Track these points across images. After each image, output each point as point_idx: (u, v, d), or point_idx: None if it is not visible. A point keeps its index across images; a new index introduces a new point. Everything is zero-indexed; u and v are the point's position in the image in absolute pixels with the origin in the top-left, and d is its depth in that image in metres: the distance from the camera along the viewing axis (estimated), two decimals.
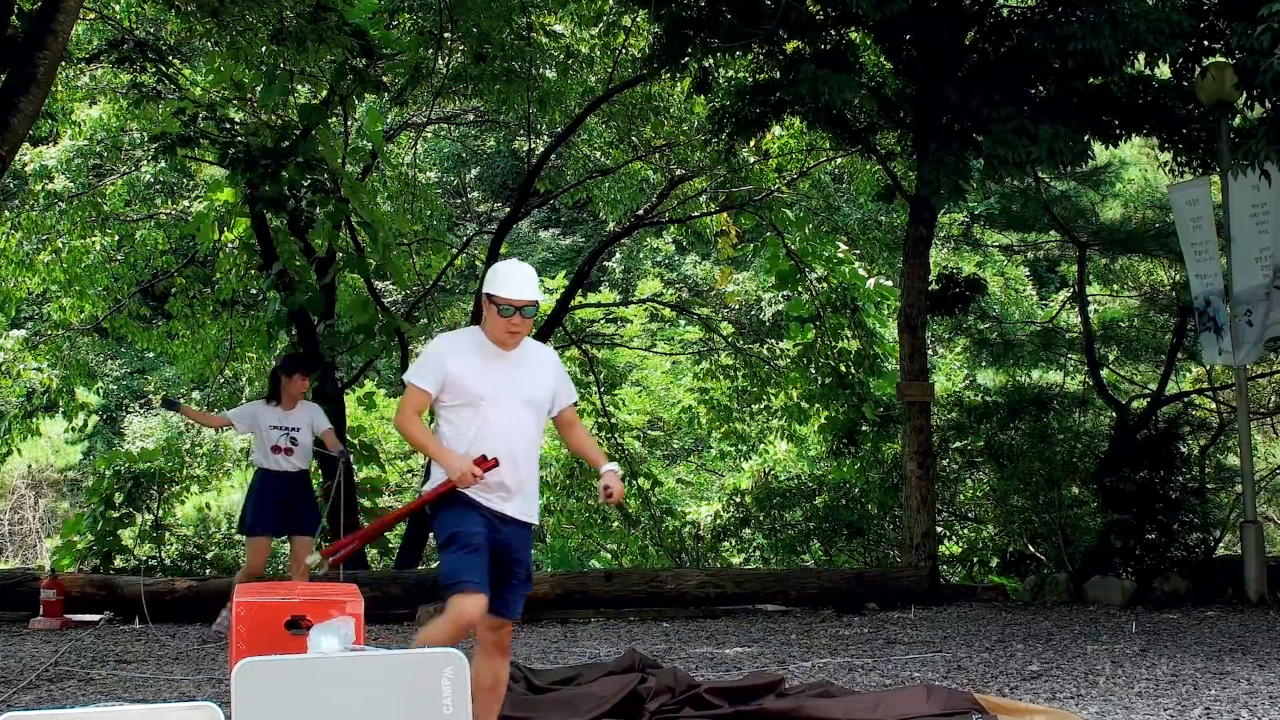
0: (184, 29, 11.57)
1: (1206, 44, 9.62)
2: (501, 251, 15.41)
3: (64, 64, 10.89)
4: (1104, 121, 9.82)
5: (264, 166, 10.36)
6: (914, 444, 10.72)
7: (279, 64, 11.14)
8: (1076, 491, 12.06)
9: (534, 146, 14.36)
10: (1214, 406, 13.13)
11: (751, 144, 12.75)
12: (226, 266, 13.41)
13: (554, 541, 15.47)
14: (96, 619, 9.17)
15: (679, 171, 14.57)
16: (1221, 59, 9.61)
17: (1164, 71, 10.10)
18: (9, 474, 19.72)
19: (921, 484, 10.65)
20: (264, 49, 10.93)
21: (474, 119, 16.56)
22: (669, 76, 11.50)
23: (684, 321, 17.89)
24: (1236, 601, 9.82)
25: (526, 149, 15.47)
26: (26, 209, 13.69)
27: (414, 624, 9.00)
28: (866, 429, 13.55)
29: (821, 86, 9.41)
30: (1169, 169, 10.80)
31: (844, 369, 13.88)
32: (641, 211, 14.89)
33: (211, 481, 14.16)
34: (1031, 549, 11.99)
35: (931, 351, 14.14)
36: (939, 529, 11.90)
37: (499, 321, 4.39)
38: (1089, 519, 11.61)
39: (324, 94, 11.91)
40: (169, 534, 13.31)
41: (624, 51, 13.09)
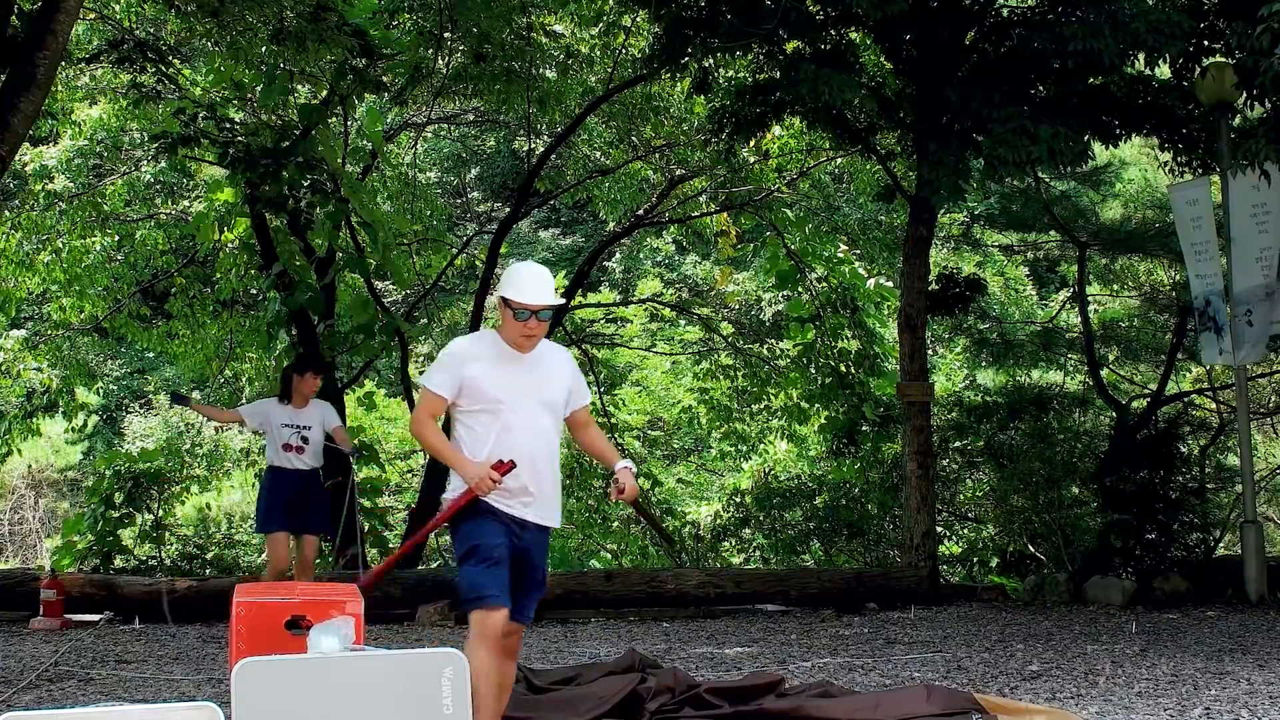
0: (184, 29, 11.57)
1: (1206, 44, 9.61)
2: (502, 251, 15.41)
3: (64, 64, 10.88)
4: (1104, 121, 9.82)
5: (264, 166, 10.36)
6: (914, 444, 10.72)
7: (279, 64, 11.14)
8: (1076, 491, 12.06)
9: (534, 146, 14.36)
10: (1214, 406, 13.13)
11: (751, 144, 12.75)
12: (226, 266, 13.40)
13: (554, 541, 15.44)
14: (96, 619, 9.17)
15: (679, 171, 14.56)
16: (1221, 59, 9.60)
17: (1164, 71, 10.10)
18: (9, 474, 19.72)
19: (921, 484, 10.65)
20: (264, 49, 10.93)
21: (474, 119, 16.55)
22: (669, 76, 11.50)
23: (684, 321, 17.89)
24: (1236, 601, 9.81)
25: (526, 149, 15.47)
26: (26, 209, 13.68)
27: (414, 624, 9.01)
28: (866, 429, 13.55)
29: (821, 86, 9.41)
30: (1169, 169, 10.80)
31: (844, 369, 13.88)
32: (641, 211, 14.89)
33: (211, 481, 14.15)
34: (1031, 549, 11.99)
35: (931, 351, 14.14)
36: (939, 529, 11.90)
37: (514, 325, 4.36)
38: (1089, 519, 11.61)
39: (324, 94, 11.90)
40: (169, 534, 13.30)
41: (624, 51, 13.09)
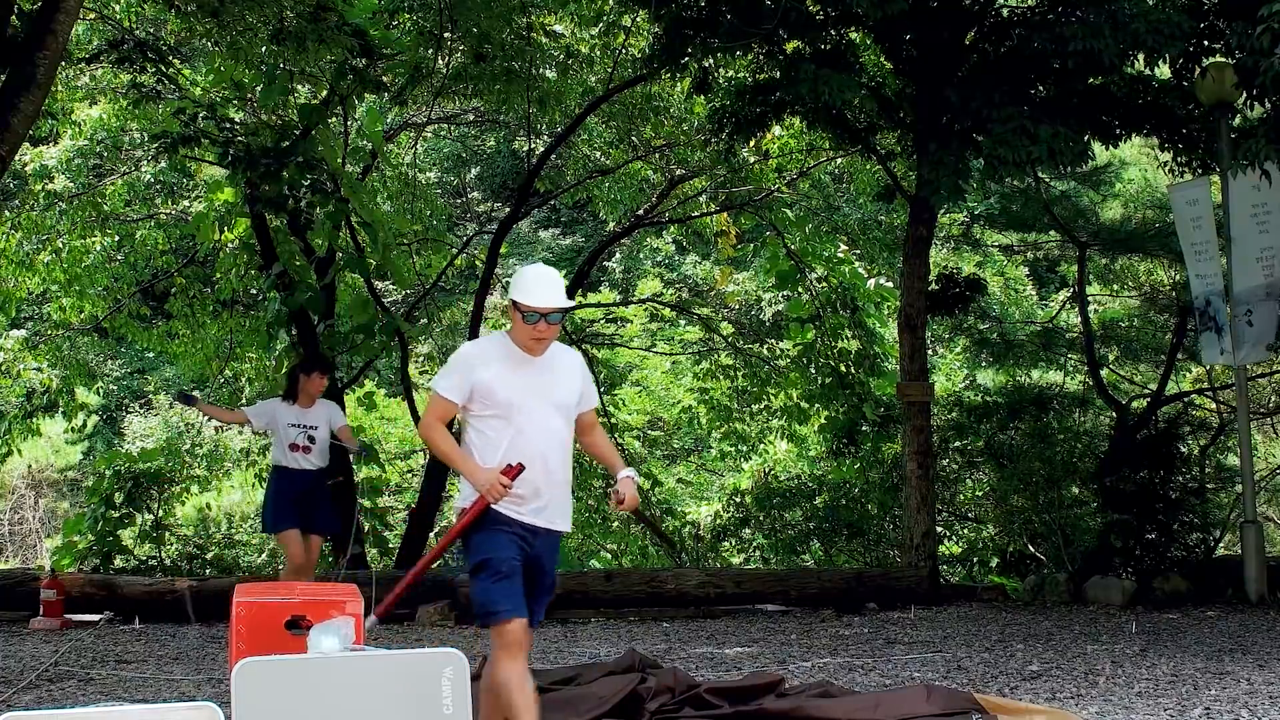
0: (184, 29, 11.57)
1: (1206, 44, 9.61)
2: (502, 251, 15.41)
3: (64, 64, 10.88)
4: (1104, 121, 9.82)
5: (264, 166, 10.36)
6: (914, 444, 10.72)
7: (279, 64, 11.13)
8: (1076, 491, 12.06)
9: (534, 146, 14.35)
10: (1214, 406, 13.13)
11: (751, 144, 12.75)
12: (226, 266, 13.40)
13: None
14: (96, 619, 9.17)
15: (679, 171, 14.56)
16: (1221, 59, 9.60)
17: (1164, 71, 10.10)
18: (9, 474, 19.71)
19: (921, 484, 10.65)
20: (264, 49, 10.93)
21: (474, 119, 16.54)
22: (669, 76, 11.50)
23: (684, 321, 17.89)
24: (1236, 601, 9.81)
25: (526, 149, 15.46)
26: (26, 209, 13.68)
27: (414, 624, 9.01)
28: (866, 429, 13.55)
29: (821, 86, 9.41)
30: (1169, 169, 10.80)
31: (844, 369, 13.88)
32: (641, 211, 14.89)
33: (211, 481, 14.15)
34: (1031, 549, 11.99)
35: (931, 351, 14.14)
36: (939, 529, 11.90)
37: (524, 328, 4.30)
38: (1089, 519, 11.61)
39: (324, 94, 11.90)
40: (169, 534, 13.31)
41: (624, 51, 13.09)
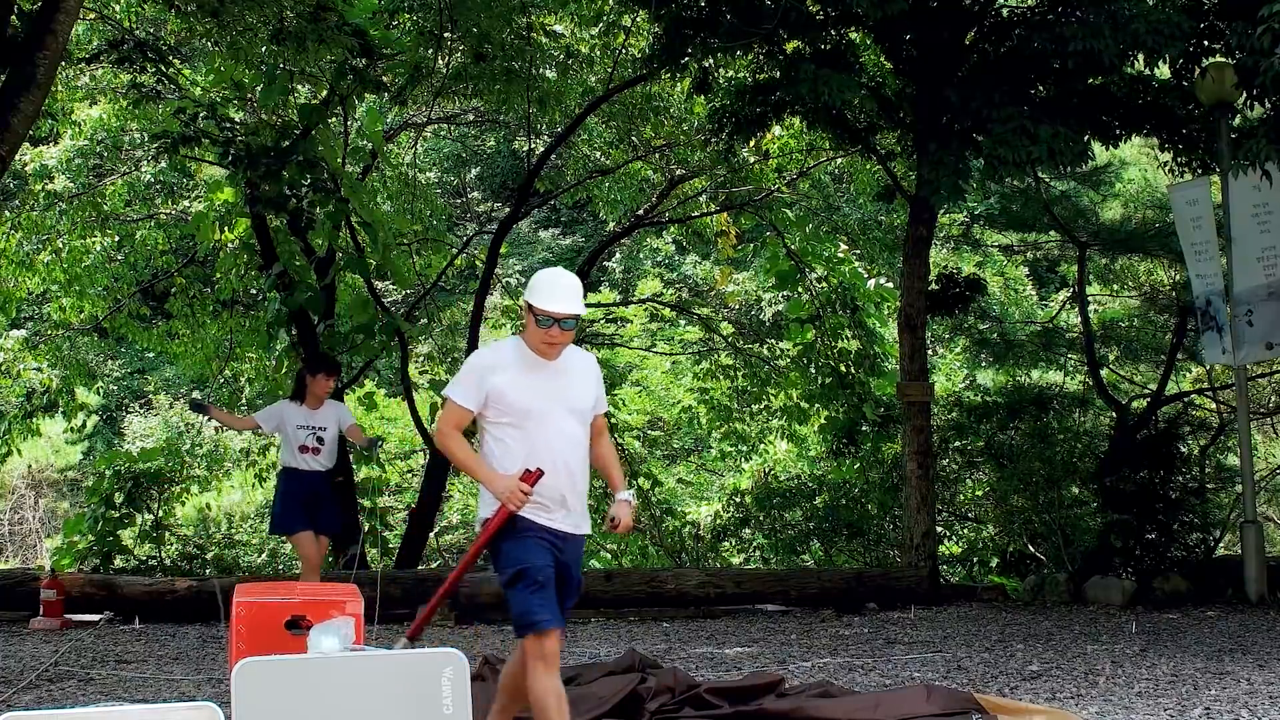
0: (184, 29, 11.57)
1: (1206, 44, 9.61)
2: (502, 251, 15.41)
3: (64, 64, 10.88)
4: (1104, 121, 9.83)
5: (265, 166, 10.35)
6: (914, 444, 10.72)
7: (279, 64, 11.13)
8: (1076, 491, 12.06)
9: (534, 146, 14.35)
10: (1214, 406, 13.13)
11: (751, 144, 12.75)
12: (226, 266, 13.39)
13: None
14: (96, 619, 9.17)
15: (679, 171, 14.56)
16: (1221, 59, 9.60)
17: (1164, 72, 10.10)
18: (9, 474, 19.70)
19: (921, 484, 10.65)
20: (264, 49, 10.92)
21: (474, 119, 16.53)
22: (669, 76, 11.50)
23: (684, 321, 17.88)
24: (1236, 601, 9.81)
25: (526, 149, 15.45)
26: (26, 209, 13.68)
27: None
28: (866, 429, 13.54)
29: (821, 86, 9.41)
30: (1169, 169, 10.80)
31: (844, 369, 13.87)
32: (641, 211, 14.89)
33: (211, 481, 14.14)
34: (1031, 549, 11.99)
35: (931, 351, 14.13)
36: (939, 529, 11.90)
37: (537, 332, 4.25)
38: (1089, 519, 11.61)
39: (324, 94, 11.90)
40: (169, 534, 13.31)
41: (624, 51, 13.08)
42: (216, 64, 12.02)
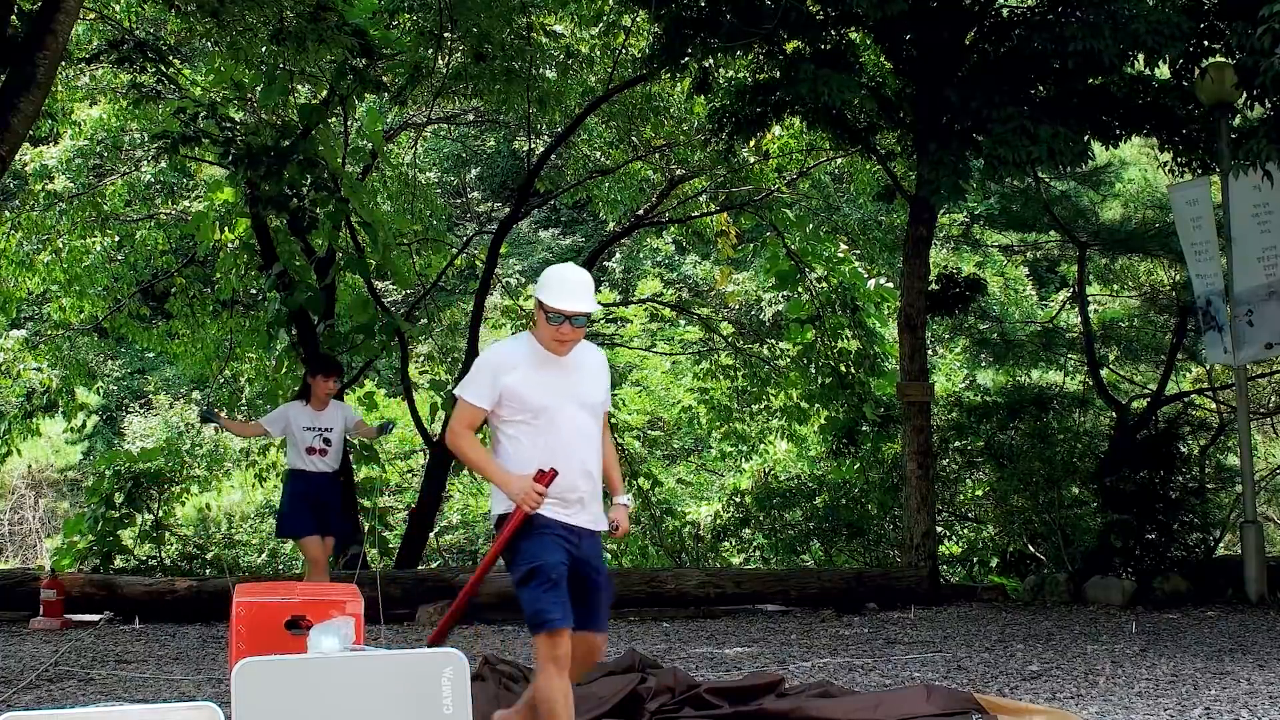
0: (184, 29, 11.58)
1: (1206, 44, 9.61)
2: (502, 251, 15.40)
3: (64, 64, 10.88)
4: (1104, 121, 9.83)
5: (266, 165, 10.35)
6: (914, 444, 10.72)
7: (279, 64, 11.12)
8: (1076, 491, 12.06)
9: (534, 146, 14.35)
10: (1214, 406, 13.13)
11: (751, 144, 12.75)
12: (226, 266, 13.39)
13: None
14: (96, 619, 9.17)
15: (679, 171, 14.56)
16: (1221, 59, 9.61)
17: (1164, 72, 10.10)
18: (9, 474, 19.71)
19: (921, 484, 10.65)
20: (264, 49, 10.92)
21: (474, 119, 16.54)
22: (669, 76, 11.50)
23: (684, 321, 17.88)
24: (1236, 601, 9.81)
25: (526, 149, 15.46)
26: (26, 209, 13.68)
27: (414, 624, 9.01)
28: (866, 429, 13.54)
29: (821, 86, 9.41)
30: (1169, 169, 10.80)
31: (844, 369, 13.88)
32: (641, 211, 14.89)
33: (211, 481, 14.15)
34: (1031, 549, 11.99)
35: (931, 351, 14.13)
36: (939, 529, 11.90)
37: (547, 329, 4.21)
38: (1089, 519, 11.62)
39: (324, 94, 11.90)
40: (169, 534, 13.31)
41: (624, 51, 13.09)
42: (216, 64, 12.02)
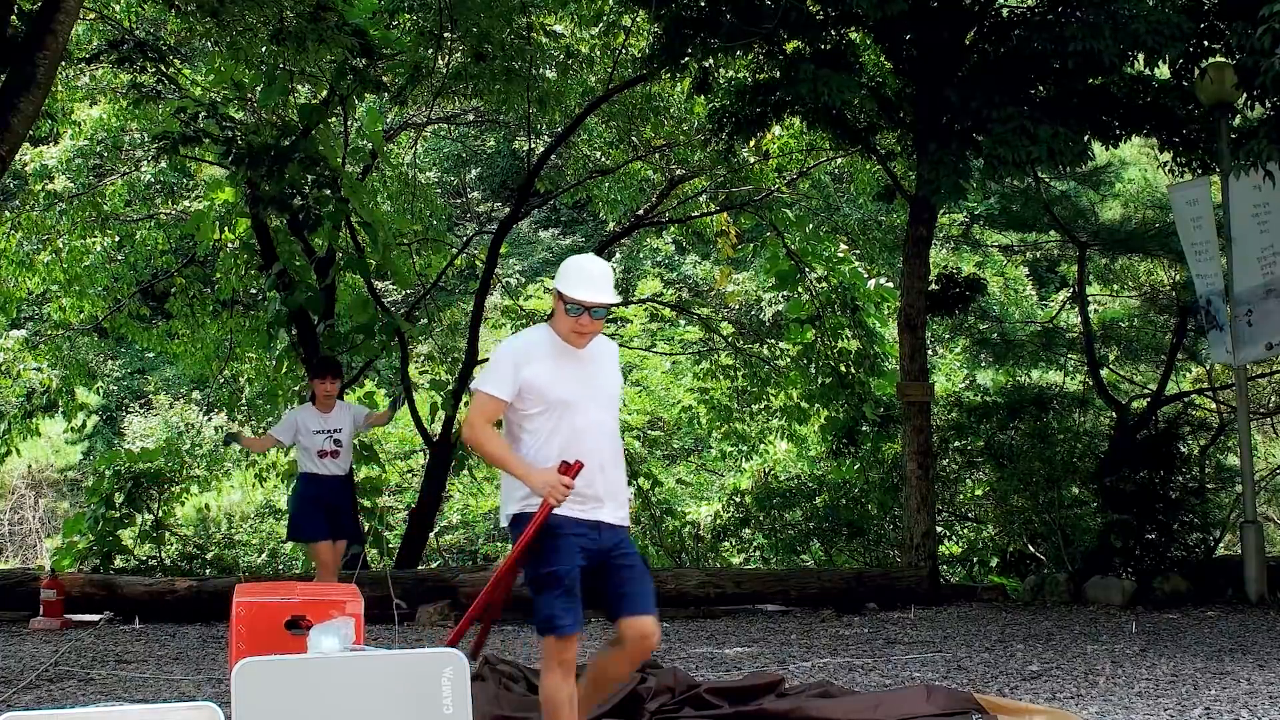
0: (184, 29, 11.58)
1: (1206, 44, 9.61)
2: (502, 251, 15.39)
3: (64, 64, 10.88)
4: (1104, 121, 9.83)
5: (267, 164, 10.34)
6: (914, 444, 10.72)
7: (279, 64, 11.13)
8: (1076, 491, 12.05)
9: (534, 146, 14.36)
10: (1214, 406, 13.13)
11: (751, 144, 12.75)
12: (226, 266, 13.40)
13: None
14: (96, 619, 9.17)
15: (679, 171, 14.56)
16: (1221, 59, 9.61)
17: (1164, 72, 10.10)
18: (9, 474, 19.72)
19: (921, 484, 10.65)
20: (264, 49, 10.92)
21: (474, 119, 16.54)
22: (669, 76, 11.50)
23: (684, 321, 17.88)
24: (1236, 601, 9.81)
25: (526, 149, 15.46)
26: (26, 209, 13.68)
27: (414, 624, 9.01)
28: (866, 429, 13.54)
29: (821, 86, 9.41)
30: (1169, 169, 10.80)
31: (844, 369, 13.88)
32: (641, 211, 14.89)
33: (211, 481, 14.15)
34: (1031, 549, 11.99)
35: (931, 351, 14.13)
36: (939, 529, 11.90)
37: (566, 320, 4.13)
38: (1089, 519, 11.61)
39: (324, 94, 11.90)
40: (169, 534, 13.31)
41: (624, 51, 13.09)
42: (216, 64, 12.02)
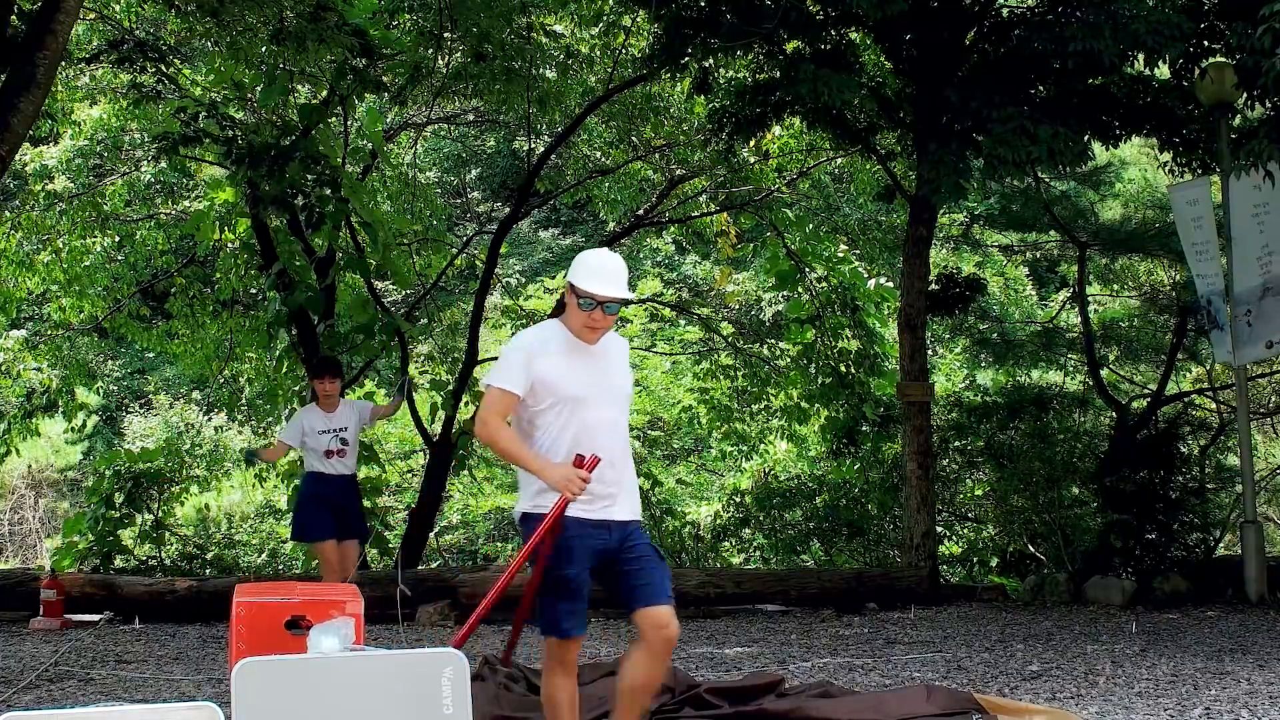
0: (184, 29, 11.57)
1: (1206, 44, 9.61)
2: (502, 251, 15.38)
3: (64, 64, 10.88)
4: (1104, 121, 9.83)
5: (268, 164, 10.34)
6: (914, 444, 10.72)
7: (279, 64, 11.13)
8: (1076, 491, 12.06)
9: (534, 146, 14.36)
10: (1214, 406, 13.14)
11: (751, 144, 12.75)
12: (226, 266, 13.40)
13: None
14: (96, 619, 9.17)
15: (679, 171, 14.56)
16: (1221, 59, 9.61)
17: (1164, 72, 10.10)
18: (9, 474, 19.72)
19: (921, 484, 10.65)
20: (264, 49, 10.92)
21: (474, 119, 16.54)
22: (669, 76, 11.50)
23: (684, 321, 17.89)
24: (1236, 601, 9.81)
25: (526, 149, 15.46)
26: (26, 209, 13.69)
27: (414, 624, 9.01)
28: (866, 429, 13.54)
29: (821, 86, 9.41)
30: (1169, 169, 10.80)
31: (844, 369, 13.88)
32: (641, 211, 14.89)
33: (211, 481, 14.16)
34: (1031, 549, 11.99)
35: (931, 351, 14.14)
36: (939, 529, 11.90)
37: (578, 314, 4.09)
38: (1089, 519, 11.61)
39: (324, 94, 11.90)
40: (169, 534, 13.31)
41: (624, 51, 13.09)
42: (216, 64, 12.02)
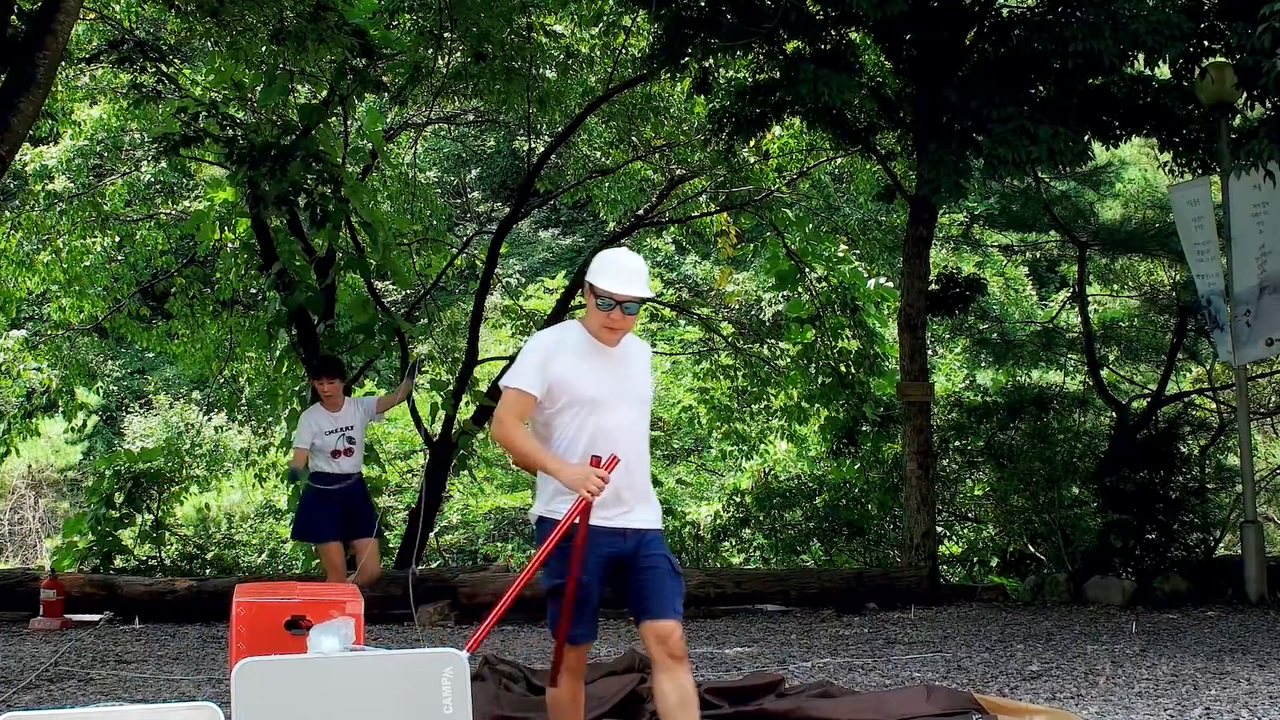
0: (184, 29, 11.56)
1: (1206, 44, 9.62)
2: (502, 251, 15.38)
3: (64, 64, 10.88)
4: (1104, 121, 9.83)
5: (269, 163, 10.33)
6: (914, 444, 10.72)
7: (279, 64, 11.12)
8: (1076, 491, 12.07)
9: (534, 146, 14.35)
10: (1214, 406, 13.14)
11: (751, 144, 12.75)
12: (226, 266, 13.40)
13: None
14: (96, 619, 9.17)
15: (679, 171, 14.56)
16: (1221, 59, 9.61)
17: (1164, 72, 10.11)
18: (9, 474, 19.72)
19: (921, 484, 10.65)
20: (264, 49, 10.91)
21: (474, 119, 16.53)
22: (669, 76, 11.49)
23: (684, 321, 17.89)
24: (1236, 601, 9.81)
25: (526, 149, 15.46)
26: (26, 209, 13.68)
27: (414, 624, 9.00)
28: (866, 429, 13.55)
29: (821, 86, 9.41)
30: (1169, 169, 10.80)
31: (844, 369, 13.88)
32: (641, 211, 14.89)
33: (211, 481, 14.16)
34: (1031, 549, 11.99)
35: (931, 351, 14.14)
36: (939, 529, 11.90)
37: (597, 315, 4.03)
38: (1089, 519, 11.62)
39: (324, 94, 11.90)
40: (169, 534, 13.31)
41: (624, 51, 13.09)
42: (216, 64, 12.01)
